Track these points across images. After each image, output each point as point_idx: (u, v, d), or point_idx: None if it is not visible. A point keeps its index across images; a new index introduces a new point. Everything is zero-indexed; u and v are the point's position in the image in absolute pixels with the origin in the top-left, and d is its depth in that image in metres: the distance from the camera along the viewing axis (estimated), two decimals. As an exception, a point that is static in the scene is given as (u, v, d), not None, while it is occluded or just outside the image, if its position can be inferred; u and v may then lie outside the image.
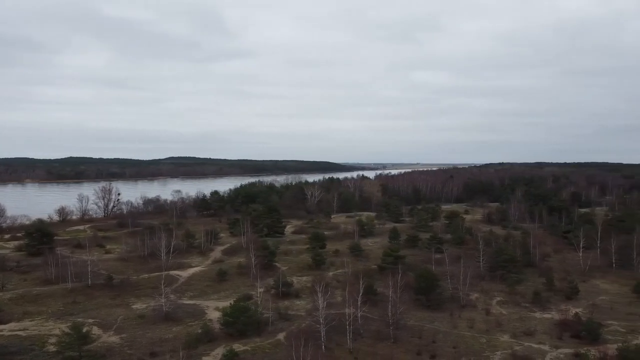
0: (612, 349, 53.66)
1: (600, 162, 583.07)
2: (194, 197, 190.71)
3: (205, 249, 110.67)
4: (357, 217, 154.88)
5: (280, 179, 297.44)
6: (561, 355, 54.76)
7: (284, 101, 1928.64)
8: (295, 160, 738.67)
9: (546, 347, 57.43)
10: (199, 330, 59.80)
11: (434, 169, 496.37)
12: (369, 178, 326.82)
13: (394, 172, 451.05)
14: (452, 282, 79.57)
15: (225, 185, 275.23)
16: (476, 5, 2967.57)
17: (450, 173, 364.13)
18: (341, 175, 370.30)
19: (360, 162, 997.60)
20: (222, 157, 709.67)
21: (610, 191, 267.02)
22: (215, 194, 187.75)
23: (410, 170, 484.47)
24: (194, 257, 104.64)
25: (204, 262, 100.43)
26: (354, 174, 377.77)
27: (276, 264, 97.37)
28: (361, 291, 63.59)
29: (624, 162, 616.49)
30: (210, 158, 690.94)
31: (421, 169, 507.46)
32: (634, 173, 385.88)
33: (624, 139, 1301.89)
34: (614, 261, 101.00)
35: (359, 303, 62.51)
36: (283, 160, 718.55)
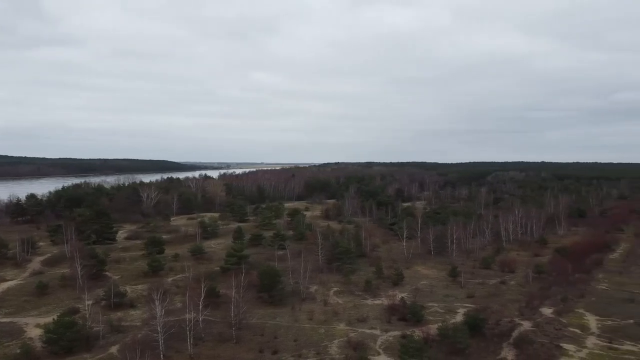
0: (433, 328, 59.89)
1: (419, 162, 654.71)
2: (6, 201, 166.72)
3: (21, 259, 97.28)
4: (200, 219, 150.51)
5: (110, 180, 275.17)
6: (390, 338, 59.42)
7: (113, 94, 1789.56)
8: (129, 159, 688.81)
9: (377, 332, 61.87)
10: (17, 351, 52.45)
11: (278, 168, 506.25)
12: (212, 177, 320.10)
13: (238, 171, 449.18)
14: (294, 276, 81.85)
15: (44, 187, 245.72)
16: (311, 13, 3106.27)
17: (292, 172, 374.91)
18: (182, 175, 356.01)
19: (202, 161, 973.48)
20: (40, 156, 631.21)
21: (427, 187, 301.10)
22: (31, 197, 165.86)
23: (254, 169, 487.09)
24: (7, 270, 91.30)
25: (20, 275, 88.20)
26: (196, 174, 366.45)
27: (107, 273, 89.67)
28: (202, 295, 61.71)
29: (439, 161, 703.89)
30: (25, 157, 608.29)
31: (265, 169, 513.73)
32: (447, 171, 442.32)
33: (439, 141, 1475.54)
34: (432, 249, 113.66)
35: (200, 307, 60.57)
36: (114, 159, 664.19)
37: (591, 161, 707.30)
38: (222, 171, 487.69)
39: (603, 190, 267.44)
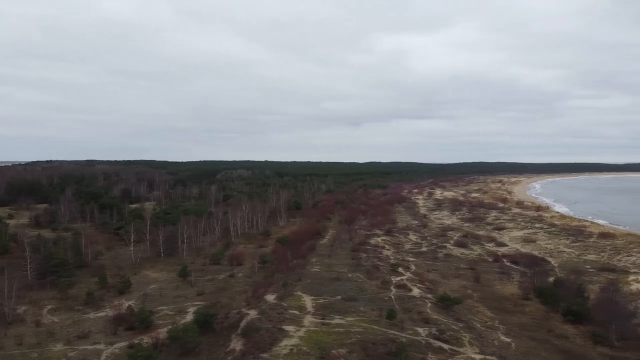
0: (162, 332, 57.98)
1: (148, 160, 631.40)
2: None
3: None
4: None
5: None
6: (116, 350, 55.22)
7: None
8: None
9: (101, 346, 56.75)
10: None
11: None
12: None
13: None
14: (-6, 299, 68.49)
15: None
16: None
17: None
18: None
19: None
20: None
21: (157, 186, 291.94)
22: None
23: None
24: None
25: None
26: None
27: None
28: None
29: (169, 159, 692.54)
30: None
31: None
32: (178, 170, 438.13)
33: (168, 139, 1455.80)
34: (162, 251, 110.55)
35: None
36: None
37: (305, 160, 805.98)
38: None
39: (315, 185, 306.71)
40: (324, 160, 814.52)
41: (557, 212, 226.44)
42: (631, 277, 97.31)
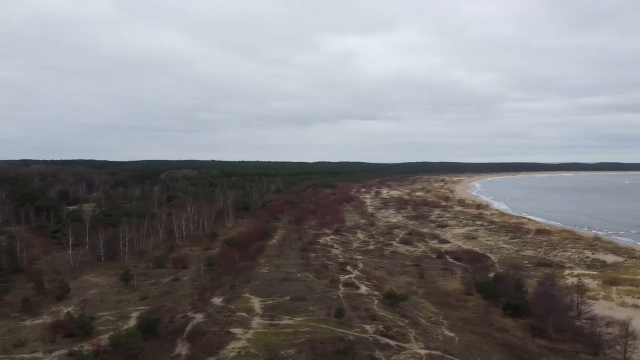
0: (104, 339, 55.78)
1: (87, 160, 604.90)
2: None
3: None
4: None
5: None
6: (55, 359, 52.73)
7: None
8: None
9: (40, 355, 53.98)
10: None
11: None
12: None
13: None
14: None
15: None
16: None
17: None
18: None
19: None
20: None
21: (97, 187, 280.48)
22: None
23: None
24: None
25: None
26: None
27: None
28: None
29: (110, 159, 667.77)
30: None
31: None
32: (118, 170, 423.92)
33: (108, 138, 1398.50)
34: (102, 254, 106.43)
35: None
36: None
37: (253, 160, 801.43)
38: None
39: (263, 185, 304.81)
40: (272, 160, 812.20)
41: (497, 210, 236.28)
42: (566, 272, 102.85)
